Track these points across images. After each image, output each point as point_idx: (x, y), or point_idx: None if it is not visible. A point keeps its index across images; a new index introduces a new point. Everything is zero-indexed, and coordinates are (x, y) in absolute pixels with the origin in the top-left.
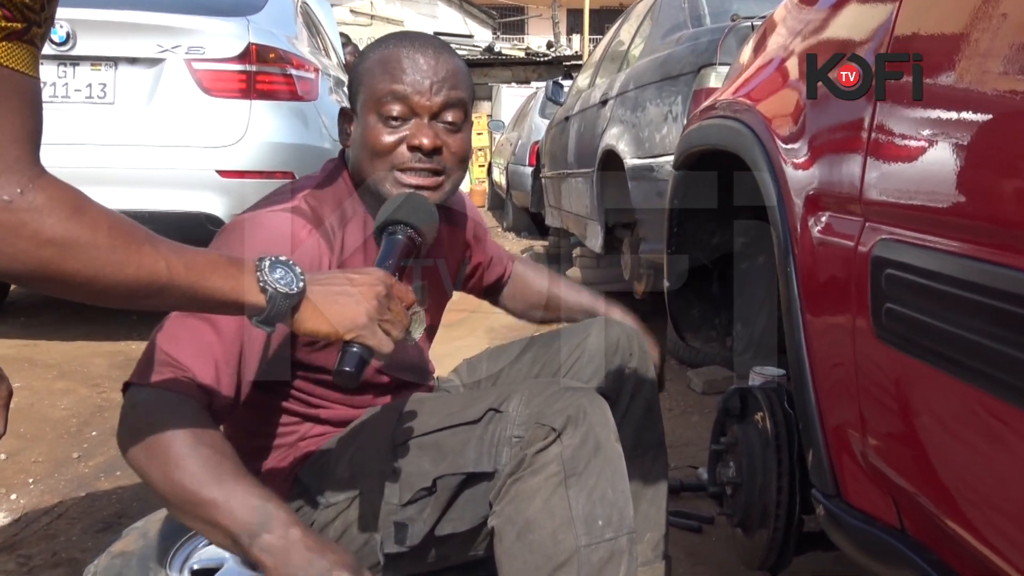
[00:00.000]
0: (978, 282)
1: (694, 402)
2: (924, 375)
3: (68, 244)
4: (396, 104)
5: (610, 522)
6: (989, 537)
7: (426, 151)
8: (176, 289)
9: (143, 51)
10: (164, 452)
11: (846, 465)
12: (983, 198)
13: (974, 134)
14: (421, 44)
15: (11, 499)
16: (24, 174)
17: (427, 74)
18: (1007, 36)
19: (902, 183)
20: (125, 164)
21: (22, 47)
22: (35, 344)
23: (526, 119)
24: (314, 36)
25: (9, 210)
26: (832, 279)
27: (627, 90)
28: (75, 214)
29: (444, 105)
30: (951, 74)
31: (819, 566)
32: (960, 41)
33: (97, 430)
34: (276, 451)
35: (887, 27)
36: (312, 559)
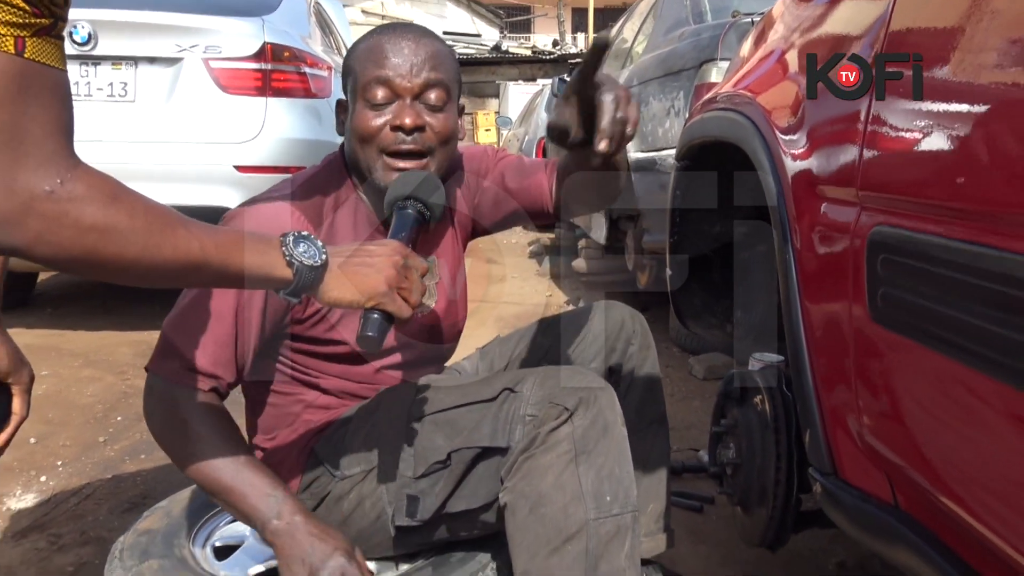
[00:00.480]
0: (970, 264)
1: (695, 387)
2: (918, 356)
3: (109, 230)
4: (380, 88)
5: (617, 498)
6: (980, 511)
7: (407, 130)
8: (210, 267)
9: (162, 51)
10: (184, 443)
11: (842, 444)
12: (974, 184)
13: (965, 125)
14: (402, 31)
15: (41, 481)
16: (62, 165)
17: (407, 57)
18: (998, 31)
19: (897, 172)
20: (146, 160)
21: (51, 42)
22: (62, 334)
23: (532, 115)
24: (327, 35)
25: (51, 200)
26: (830, 264)
27: (631, 86)
28: (113, 201)
29: (425, 86)
30: (945, 68)
31: (817, 543)
32: (953, 36)
33: (122, 415)
34: (286, 420)
35: (883, 21)
36: (314, 543)
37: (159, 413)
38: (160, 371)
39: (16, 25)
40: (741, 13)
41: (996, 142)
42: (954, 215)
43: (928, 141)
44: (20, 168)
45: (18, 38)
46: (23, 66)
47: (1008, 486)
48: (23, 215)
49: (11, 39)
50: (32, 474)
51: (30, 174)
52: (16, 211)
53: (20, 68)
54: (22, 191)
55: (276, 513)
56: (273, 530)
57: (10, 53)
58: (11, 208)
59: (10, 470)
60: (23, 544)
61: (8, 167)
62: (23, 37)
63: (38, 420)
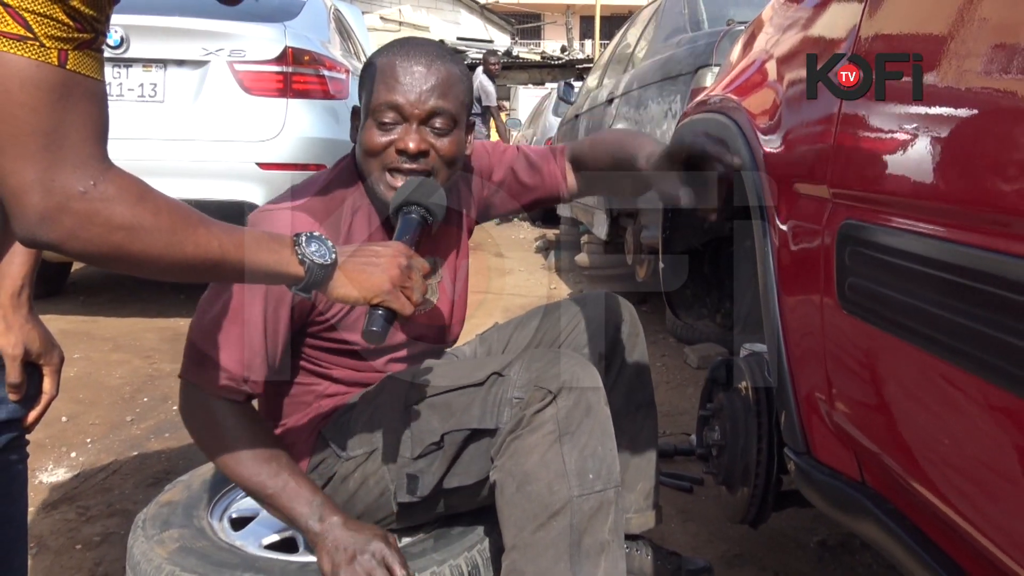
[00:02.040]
0: (932, 257)
1: (689, 376)
2: (882, 342)
3: (135, 228)
4: (389, 112)
5: (599, 476)
6: (940, 487)
7: (411, 154)
8: (228, 264)
9: (190, 54)
10: (224, 450)
11: (815, 425)
12: (936, 181)
13: (929, 125)
14: (416, 54)
15: (71, 457)
16: (96, 168)
17: (418, 83)
18: (965, 36)
19: (865, 169)
20: (174, 157)
21: (91, 55)
22: (93, 320)
23: (541, 117)
24: (345, 40)
25: (85, 200)
26: (803, 256)
27: (631, 89)
28: (140, 201)
29: (431, 113)
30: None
31: (799, 523)
32: (912, 42)
33: (148, 397)
34: (299, 408)
35: (855, 28)
36: (354, 535)
37: (197, 419)
38: (195, 380)
39: (60, 39)
40: (736, 21)
41: (958, 143)
42: (919, 210)
43: (893, 141)
44: (58, 170)
45: (61, 51)
46: (65, 77)
47: (963, 463)
48: (58, 213)
49: (55, 52)
50: (63, 450)
51: (67, 176)
52: (52, 209)
53: (62, 79)
54: (58, 191)
55: (318, 517)
56: (316, 531)
57: (54, 65)
58: (48, 206)
59: (42, 446)
60: (53, 515)
61: (47, 168)
62: (66, 50)
63: (69, 400)
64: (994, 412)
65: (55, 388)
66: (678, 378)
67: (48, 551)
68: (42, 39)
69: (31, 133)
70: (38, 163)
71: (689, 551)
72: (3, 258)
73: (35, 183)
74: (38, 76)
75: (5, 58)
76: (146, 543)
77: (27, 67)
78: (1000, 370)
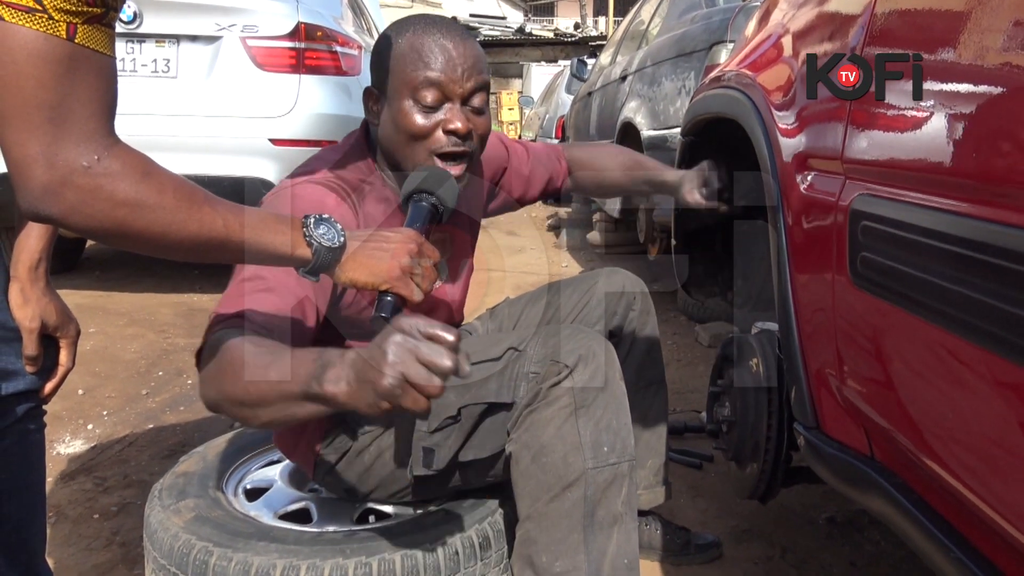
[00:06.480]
0: (945, 231)
1: (700, 354)
2: (894, 317)
3: (139, 205)
4: (431, 90)
5: (614, 449)
6: (948, 462)
7: (461, 135)
8: (233, 244)
9: (203, 29)
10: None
11: (824, 400)
12: (950, 155)
13: (943, 99)
14: (447, 31)
15: (88, 429)
16: (101, 143)
17: (458, 61)
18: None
19: (878, 144)
20: (187, 133)
21: (101, 30)
22: (109, 295)
23: (554, 95)
24: (358, 16)
25: (88, 175)
26: (816, 231)
27: (645, 66)
28: (145, 178)
29: (473, 90)
30: (924, 51)
31: (808, 500)
32: (926, 17)
33: (163, 370)
34: None
35: (871, 3)
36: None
37: (212, 365)
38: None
39: (69, 12)
40: None
41: (968, 115)
42: (931, 184)
43: (906, 117)
44: (62, 144)
45: (70, 24)
46: (72, 50)
47: (973, 438)
48: (61, 187)
49: (64, 24)
50: (80, 422)
51: (71, 150)
52: (55, 183)
53: (70, 52)
54: (62, 165)
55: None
56: (330, 378)
57: (61, 38)
58: (50, 180)
59: (60, 418)
60: (71, 486)
61: (51, 142)
62: (75, 24)
63: (86, 373)
64: (1005, 386)
65: (71, 360)
66: (689, 356)
67: (67, 520)
68: (51, 11)
69: (36, 106)
70: (42, 136)
71: (698, 526)
72: (20, 232)
73: (39, 156)
74: (45, 48)
75: (13, 30)
76: (163, 512)
77: (35, 39)
78: (1012, 344)
